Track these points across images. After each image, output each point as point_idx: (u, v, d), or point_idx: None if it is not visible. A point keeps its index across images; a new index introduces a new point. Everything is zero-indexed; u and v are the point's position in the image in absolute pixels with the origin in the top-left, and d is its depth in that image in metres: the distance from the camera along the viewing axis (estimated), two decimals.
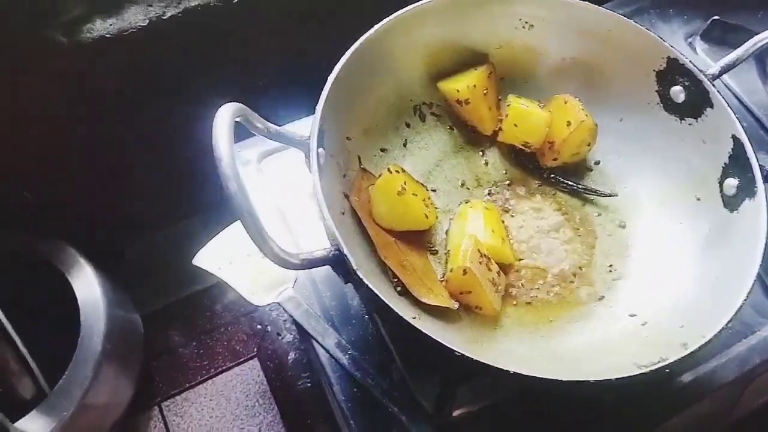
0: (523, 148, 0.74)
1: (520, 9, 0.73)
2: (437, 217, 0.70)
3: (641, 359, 0.54)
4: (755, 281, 0.56)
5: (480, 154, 0.76)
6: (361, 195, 0.65)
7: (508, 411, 0.64)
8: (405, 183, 0.64)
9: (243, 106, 0.54)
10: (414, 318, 0.55)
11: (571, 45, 0.74)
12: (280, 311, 1.15)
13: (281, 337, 1.12)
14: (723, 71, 0.67)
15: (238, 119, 0.53)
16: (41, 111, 0.84)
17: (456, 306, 0.61)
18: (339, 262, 0.53)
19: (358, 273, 0.52)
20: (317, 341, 0.69)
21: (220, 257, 0.75)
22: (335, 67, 0.63)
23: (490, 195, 0.74)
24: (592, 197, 0.74)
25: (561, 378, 0.50)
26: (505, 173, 0.76)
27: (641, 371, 0.52)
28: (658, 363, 0.53)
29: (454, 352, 0.50)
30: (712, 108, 0.65)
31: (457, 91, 0.72)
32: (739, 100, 0.86)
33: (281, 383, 1.09)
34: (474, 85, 0.72)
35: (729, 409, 0.89)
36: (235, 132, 0.51)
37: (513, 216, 0.72)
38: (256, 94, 0.96)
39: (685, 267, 0.65)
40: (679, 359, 0.53)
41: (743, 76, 0.84)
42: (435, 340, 0.50)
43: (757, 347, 0.69)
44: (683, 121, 0.69)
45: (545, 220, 0.72)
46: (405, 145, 0.74)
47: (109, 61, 0.82)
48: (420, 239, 0.68)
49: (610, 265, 0.69)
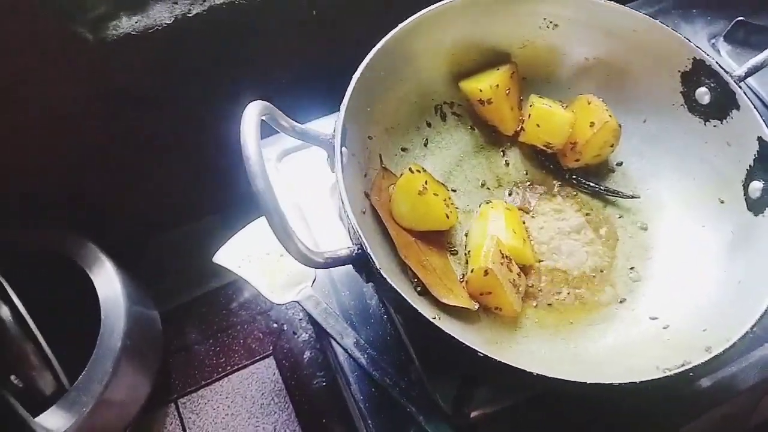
0: (545, 148, 0.74)
1: (544, 8, 0.72)
2: (458, 218, 0.69)
3: (663, 362, 0.54)
4: None
5: (501, 154, 0.76)
6: (382, 194, 0.65)
7: (525, 413, 0.64)
8: (426, 183, 0.64)
9: (269, 104, 0.54)
10: (434, 318, 0.55)
11: (595, 45, 0.73)
12: (296, 310, 1.15)
13: (297, 336, 1.12)
14: (749, 73, 0.66)
15: (264, 117, 0.53)
16: (64, 108, 0.85)
17: (476, 307, 0.61)
18: (362, 261, 0.54)
19: (381, 272, 0.52)
20: (336, 340, 0.69)
21: (239, 255, 0.75)
22: (359, 66, 0.63)
23: (510, 195, 0.74)
24: (614, 199, 0.73)
25: (585, 380, 0.50)
26: (526, 174, 0.75)
27: (665, 374, 0.52)
28: (682, 366, 0.52)
29: (477, 352, 0.50)
30: (738, 110, 0.65)
31: (480, 91, 0.72)
32: (763, 102, 0.85)
33: (297, 382, 1.09)
34: (497, 85, 0.72)
35: (747, 415, 0.87)
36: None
37: (534, 217, 0.72)
38: (277, 92, 0.96)
39: (708, 270, 0.64)
40: (703, 363, 0.52)
41: (767, 77, 0.83)
42: (458, 340, 0.50)
43: None
44: (708, 123, 0.68)
45: (566, 221, 0.71)
46: (426, 145, 0.74)
47: (134, 59, 0.82)
48: (440, 239, 0.68)
49: (631, 268, 0.69)
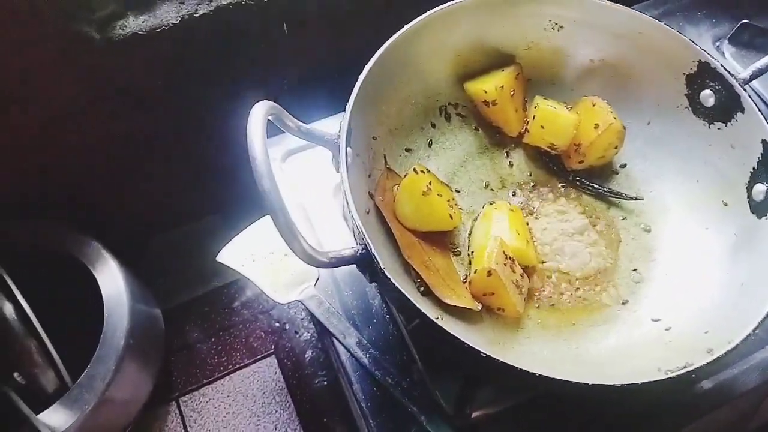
0: (549, 150, 0.74)
1: (549, 10, 0.72)
2: (461, 219, 0.70)
3: (666, 364, 0.54)
4: None
5: (505, 155, 0.76)
6: (386, 195, 0.65)
7: (527, 413, 0.64)
8: (430, 183, 0.64)
9: (275, 104, 0.54)
10: (437, 318, 0.55)
11: (600, 47, 0.73)
12: (298, 309, 1.15)
13: (299, 335, 1.12)
14: (754, 76, 0.66)
15: (270, 117, 0.53)
16: (69, 107, 0.85)
17: (479, 307, 0.61)
18: (366, 261, 0.54)
19: (385, 272, 0.52)
20: (338, 339, 0.69)
21: (243, 254, 0.75)
22: (365, 67, 0.63)
23: (514, 196, 0.74)
24: (617, 200, 0.73)
25: (586, 381, 0.50)
26: (530, 175, 0.75)
27: (667, 376, 0.52)
28: (684, 368, 0.52)
29: (479, 353, 0.50)
30: (742, 113, 0.65)
31: (485, 92, 0.72)
32: (767, 104, 0.85)
33: (298, 381, 1.09)
34: (501, 86, 0.72)
35: (748, 417, 0.88)
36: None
37: (537, 218, 0.72)
38: (278, 93, 0.96)
39: (711, 272, 0.64)
40: (705, 365, 0.52)
41: None
42: (461, 341, 0.50)
43: None
44: (712, 126, 0.68)
45: (569, 222, 0.72)
46: (430, 146, 0.74)
47: (140, 58, 0.82)
48: (443, 240, 0.68)
49: (634, 269, 0.69)
